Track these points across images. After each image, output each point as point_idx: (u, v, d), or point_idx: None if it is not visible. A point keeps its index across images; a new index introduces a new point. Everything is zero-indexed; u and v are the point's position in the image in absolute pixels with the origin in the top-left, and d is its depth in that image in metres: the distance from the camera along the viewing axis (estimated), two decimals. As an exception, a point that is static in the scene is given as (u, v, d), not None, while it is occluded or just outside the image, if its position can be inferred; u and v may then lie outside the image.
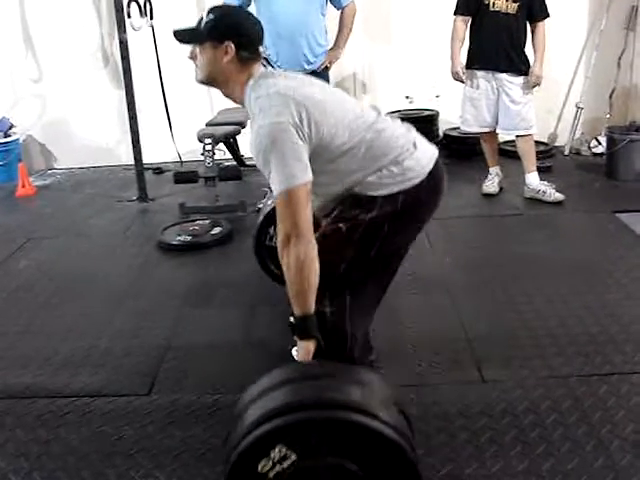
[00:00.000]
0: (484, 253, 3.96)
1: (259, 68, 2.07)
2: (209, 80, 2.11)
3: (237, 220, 4.52)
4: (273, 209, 2.85)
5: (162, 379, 2.78)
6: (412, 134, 2.17)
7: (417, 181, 2.09)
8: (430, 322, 3.14)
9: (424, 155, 2.15)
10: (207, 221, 4.46)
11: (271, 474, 1.59)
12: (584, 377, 2.63)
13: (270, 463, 1.58)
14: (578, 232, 4.25)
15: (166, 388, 2.72)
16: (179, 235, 4.29)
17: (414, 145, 2.12)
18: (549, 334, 2.96)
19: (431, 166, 2.15)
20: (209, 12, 2.09)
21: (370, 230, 2.07)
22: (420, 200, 2.12)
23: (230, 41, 2.01)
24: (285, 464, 1.58)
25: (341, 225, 2.08)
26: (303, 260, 1.88)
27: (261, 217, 3.05)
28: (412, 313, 3.22)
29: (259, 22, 2.16)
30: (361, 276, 2.14)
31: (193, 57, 2.11)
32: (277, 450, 1.58)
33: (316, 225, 2.03)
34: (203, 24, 2.07)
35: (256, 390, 1.74)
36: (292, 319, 1.97)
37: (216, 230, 4.33)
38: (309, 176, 1.91)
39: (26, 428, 2.49)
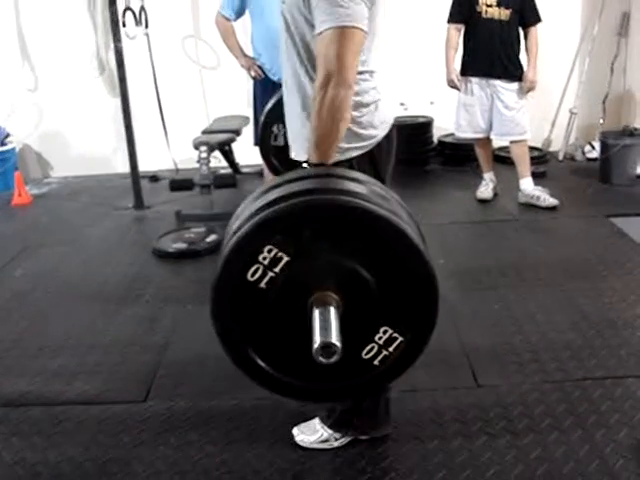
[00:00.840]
0: (478, 258, 3.97)
1: None
2: None
3: (233, 227, 4.52)
4: (273, 106, 2.75)
5: (158, 386, 2.79)
6: (381, 94, 2.02)
7: (373, 144, 1.99)
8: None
9: (384, 117, 2.03)
10: (203, 229, 4.47)
11: (263, 282, 1.40)
12: (578, 381, 2.64)
13: (261, 268, 1.39)
14: (572, 237, 4.26)
15: (162, 395, 2.72)
16: (175, 243, 4.29)
17: (376, 106, 2.00)
18: (543, 338, 2.97)
19: (387, 128, 2.05)
20: None
21: None
22: (377, 162, 2.02)
23: None
24: (277, 268, 1.39)
25: None
26: (339, 104, 1.70)
27: (265, 113, 2.93)
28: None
29: None
30: None
31: None
32: (266, 251, 1.37)
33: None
34: None
35: (249, 198, 1.56)
36: (306, 165, 1.82)
37: (212, 237, 4.33)
38: (366, 29, 1.73)
39: (22, 436, 2.49)
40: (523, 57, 4.59)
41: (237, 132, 5.16)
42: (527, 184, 4.76)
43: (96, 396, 2.73)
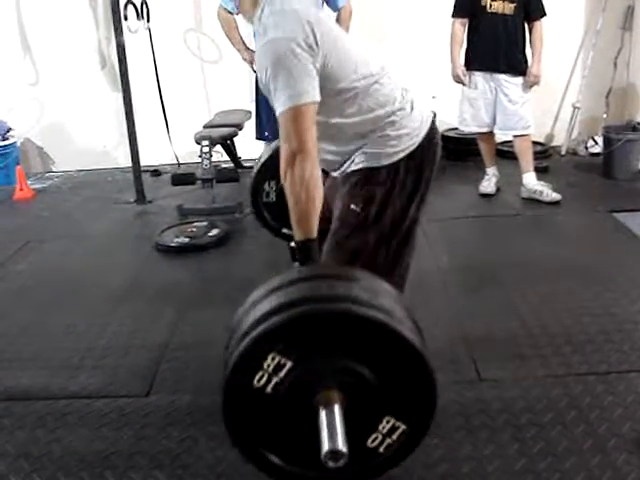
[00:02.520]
0: (481, 253, 3.97)
1: None
2: None
3: (234, 222, 4.53)
4: (264, 164, 2.82)
5: (160, 380, 2.79)
6: (409, 95, 2.14)
7: (414, 145, 2.07)
8: (427, 321, 3.13)
9: (420, 117, 2.12)
10: (205, 223, 4.47)
11: (269, 388, 1.48)
12: (581, 376, 2.64)
13: (265, 375, 1.46)
14: (575, 232, 4.26)
15: (165, 389, 2.72)
16: (177, 237, 4.29)
17: (411, 106, 2.10)
18: (546, 333, 2.97)
19: (427, 128, 2.12)
20: None
21: (382, 202, 2.05)
22: (421, 161, 2.09)
23: None
24: (282, 373, 1.46)
25: (353, 207, 2.05)
26: (309, 178, 1.81)
27: (256, 172, 3.02)
28: (410, 313, 3.22)
29: None
30: (387, 249, 2.10)
31: None
32: (270, 359, 1.45)
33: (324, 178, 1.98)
34: None
35: (246, 304, 1.63)
36: (293, 243, 1.90)
37: (214, 232, 4.34)
38: (318, 96, 1.85)
39: (25, 430, 2.50)
40: (527, 51, 4.58)
41: (239, 126, 5.16)
42: (530, 179, 4.75)
43: (99, 390, 2.74)
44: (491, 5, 4.45)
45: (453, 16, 4.63)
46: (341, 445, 1.41)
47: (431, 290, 3.44)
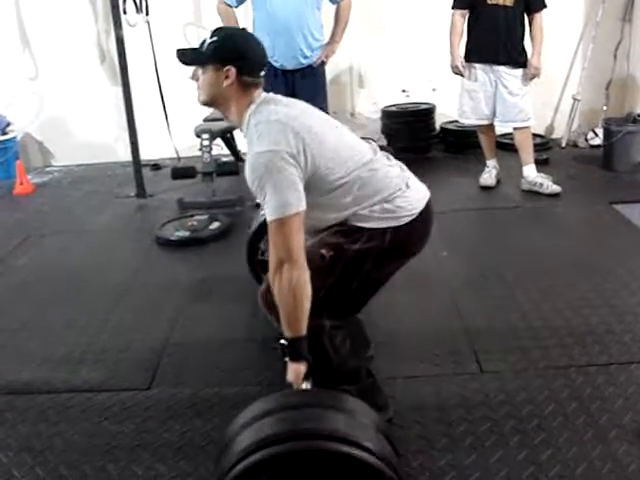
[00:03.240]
0: (482, 246, 3.98)
1: (260, 93, 2.07)
2: (210, 102, 2.10)
3: (235, 215, 4.53)
4: (261, 224, 2.89)
5: (162, 373, 2.80)
6: (406, 174, 2.19)
7: (407, 220, 2.10)
8: (428, 314, 3.16)
9: (416, 195, 2.16)
10: (205, 216, 4.47)
11: None
12: (582, 367, 2.64)
13: None
14: (575, 224, 4.26)
15: (166, 382, 2.73)
16: (177, 231, 4.29)
17: (407, 185, 2.14)
18: (547, 325, 2.98)
19: (422, 207, 2.15)
20: (213, 33, 2.07)
21: (353, 262, 2.08)
22: (407, 239, 2.13)
23: (232, 65, 2.00)
24: None
25: (324, 252, 2.08)
26: (295, 284, 1.89)
27: (252, 231, 3.09)
28: (410, 306, 3.23)
29: (263, 47, 2.14)
30: (340, 301, 2.14)
31: (195, 78, 2.10)
32: None
33: None
34: (206, 46, 2.04)
35: (238, 423, 1.72)
36: (283, 341, 1.97)
37: (214, 225, 4.34)
38: (303, 205, 1.92)
39: (28, 423, 2.51)
40: (527, 43, 4.57)
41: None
42: (530, 171, 4.75)
43: (101, 384, 2.75)
44: (491, -4, 4.44)
45: (453, 7, 4.62)
46: None
47: (432, 282, 3.44)
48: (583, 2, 5.80)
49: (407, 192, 2.12)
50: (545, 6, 4.50)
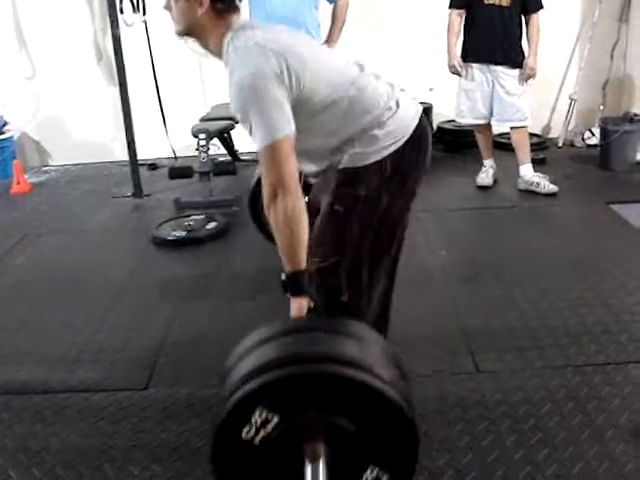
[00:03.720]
0: (479, 245, 3.98)
1: (237, 20, 2.00)
2: (185, 32, 2.05)
3: (232, 215, 4.52)
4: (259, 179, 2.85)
5: (159, 373, 2.79)
6: (395, 92, 2.10)
7: (402, 142, 2.04)
8: (425, 313, 3.15)
9: (407, 114, 2.08)
10: (202, 216, 4.46)
11: (256, 440, 1.52)
12: (579, 367, 2.65)
13: (253, 429, 1.51)
14: (572, 223, 4.26)
15: (163, 382, 2.73)
16: (174, 230, 4.29)
17: (397, 104, 2.06)
18: (544, 325, 2.98)
19: (414, 125, 2.08)
20: None
21: (367, 204, 2.04)
22: (406, 160, 2.06)
23: None
24: (269, 427, 1.51)
25: (337, 207, 2.05)
26: (291, 213, 1.82)
27: (254, 180, 3.02)
28: (408, 305, 3.21)
29: None
30: (370, 252, 2.09)
31: (168, 8, 2.05)
32: (257, 414, 1.50)
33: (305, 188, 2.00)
34: None
35: (237, 352, 1.67)
36: (283, 276, 1.92)
37: (211, 225, 4.34)
38: (292, 128, 1.85)
39: (24, 424, 2.50)
40: (524, 43, 4.57)
41: (236, 119, 5.14)
42: (527, 170, 4.75)
43: (97, 384, 2.74)
44: (488, -4, 4.44)
45: (450, 7, 4.62)
46: None
47: (428, 282, 3.44)
48: (580, 2, 5.81)
49: (398, 112, 2.04)
50: (542, 6, 4.51)
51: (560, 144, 5.88)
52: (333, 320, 1.86)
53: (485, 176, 4.93)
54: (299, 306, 1.90)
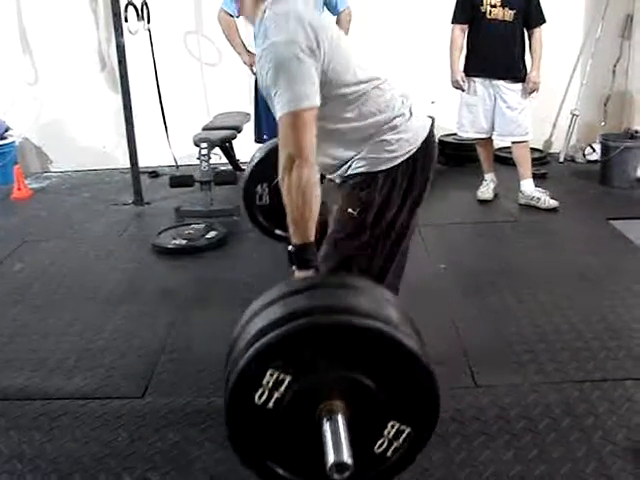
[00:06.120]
0: (478, 259, 3.98)
1: None
2: None
3: (232, 224, 4.53)
4: (255, 167, 2.83)
5: (156, 382, 2.79)
6: (409, 101, 2.15)
7: (413, 150, 2.08)
8: (423, 327, 3.11)
9: (418, 123, 2.13)
10: (202, 225, 4.47)
11: (270, 404, 1.47)
12: (577, 383, 2.64)
13: (266, 392, 1.46)
14: (572, 239, 4.27)
15: (160, 391, 2.72)
16: (174, 239, 4.29)
17: (410, 111, 2.11)
18: (542, 340, 2.98)
19: (425, 134, 2.13)
20: None
21: (379, 208, 2.06)
22: (417, 168, 2.10)
23: None
24: (282, 389, 1.46)
25: (351, 210, 2.07)
26: (305, 183, 1.82)
27: (247, 175, 3.02)
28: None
29: None
30: (382, 250, 2.11)
31: None
32: (268, 375, 1.45)
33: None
34: None
35: (244, 318, 1.64)
36: (290, 247, 1.91)
37: (211, 234, 4.34)
38: (318, 101, 1.86)
39: (20, 430, 2.49)
40: (527, 58, 4.59)
41: (238, 129, 5.17)
42: (528, 185, 4.76)
43: (95, 391, 2.73)
44: (491, 12, 4.46)
45: (453, 22, 4.64)
46: (346, 457, 1.40)
47: (428, 295, 3.43)
48: (583, 18, 5.84)
49: (411, 120, 2.10)
50: (544, 21, 4.53)
51: (561, 159, 5.89)
52: (342, 277, 1.82)
53: (486, 190, 4.93)
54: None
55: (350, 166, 2.10)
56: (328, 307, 1.54)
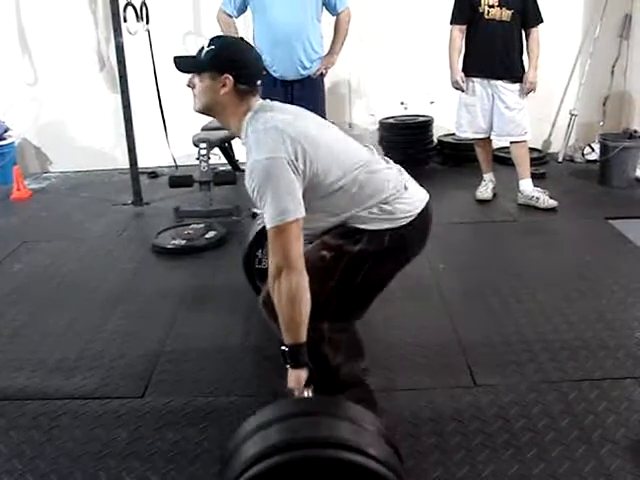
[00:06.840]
0: (477, 259, 3.98)
1: (257, 101, 2.09)
2: (206, 110, 2.11)
3: (231, 224, 4.53)
4: (259, 233, 2.91)
5: (156, 382, 2.79)
6: (404, 176, 2.21)
7: (405, 222, 2.12)
8: (423, 327, 3.15)
9: (415, 197, 2.18)
10: (201, 225, 4.47)
11: None
12: (576, 382, 2.65)
13: None
14: (571, 238, 4.27)
15: (160, 391, 2.72)
16: (174, 239, 4.30)
17: (405, 187, 2.16)
18: (541, 339, 2.98)
19: (421, 208, 2.17)
20: (210, 42, 2.09)
21: (354, 262, 2.10)
22: (406, 240, 2.15)
23: (229, 73, 2.02)
24: None
25: (325, 253, 2.11)
26: (295, 291, 1.90)
27: (249, 240, 3.11)
28: (406, 318, 3.23)
29: (259, 56, 2.19)
30: (341, 304, 2.15)
31: (191, 85, 2.11)
32: None
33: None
34: (203, 53, 2.07)
35: (242, 432, 1.70)
36: (283, 347, 1.98)
37: (210, 234, 4.34)
38: (302, 212, 1.93)
39: (19, 430, 2.49)
40: (525, 58, 4.59)
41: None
42: (527, 185, 4.76)
43: (94, 391, 2.74)
44: (489, 12, 4.46)
45: (451, 23, 4.64)
46: None
47: (427, 295, 3.45)
48: (581, 18, 5.84)
49: (405, 194, 2.14)
50: (542, 21, 4.53)
51: (560, 159, 5.89)
52: (329, 402, 1.87)
53: (485, 190, 4.94)
54: (298, 377, 1.96)
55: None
56: (316, 441, 1.60)
